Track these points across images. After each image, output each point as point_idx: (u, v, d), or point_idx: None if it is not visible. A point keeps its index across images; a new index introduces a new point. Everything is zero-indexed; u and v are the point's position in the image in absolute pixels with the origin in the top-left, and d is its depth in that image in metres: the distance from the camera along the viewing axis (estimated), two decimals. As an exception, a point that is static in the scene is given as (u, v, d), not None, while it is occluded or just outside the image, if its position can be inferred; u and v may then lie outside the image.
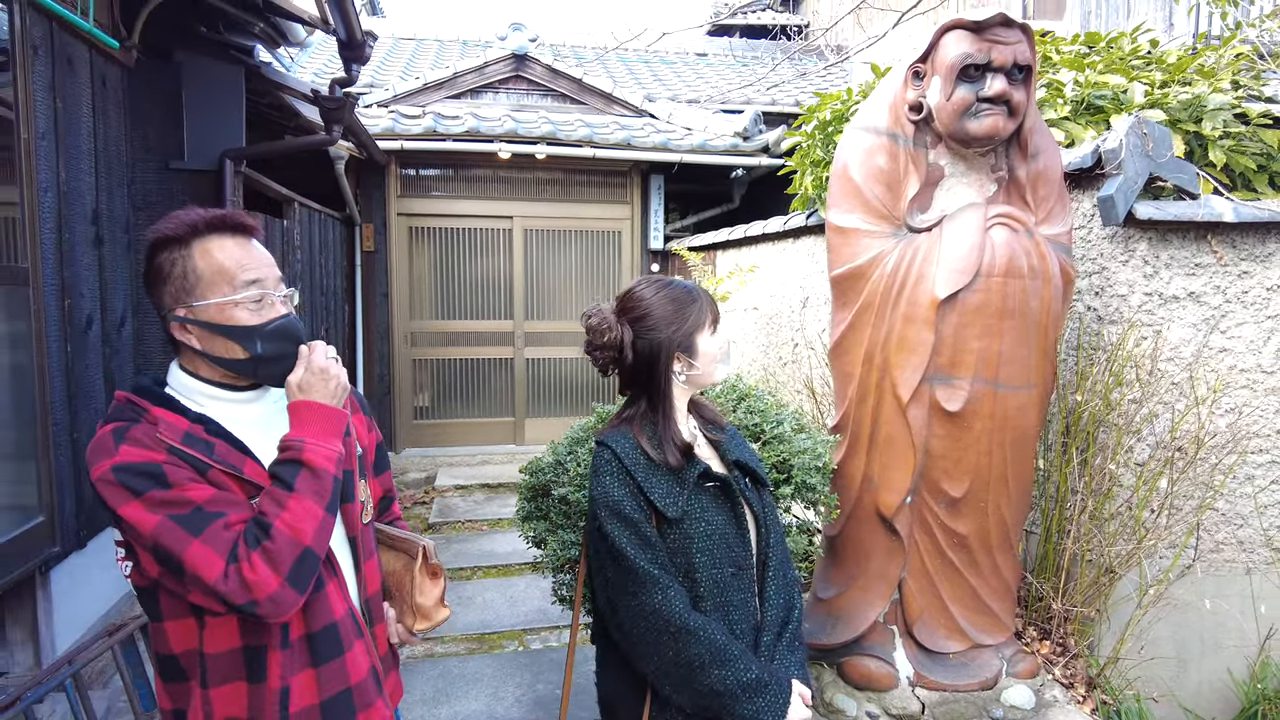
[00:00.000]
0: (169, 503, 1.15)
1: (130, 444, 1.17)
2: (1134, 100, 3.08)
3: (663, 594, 1.45)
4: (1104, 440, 2.71)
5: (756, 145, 6.50)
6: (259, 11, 3.47)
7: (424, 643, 3.68)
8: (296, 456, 1.23)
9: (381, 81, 7.60)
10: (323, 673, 1.29)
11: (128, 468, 1.15)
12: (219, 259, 1.26)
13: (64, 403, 2.78)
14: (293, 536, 1.17)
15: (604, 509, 1.50)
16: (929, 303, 2.35)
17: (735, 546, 1.56)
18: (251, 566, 1.14)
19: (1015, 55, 2.28)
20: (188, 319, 1.26)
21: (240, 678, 1.24)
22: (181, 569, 1.13)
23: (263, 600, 1.14)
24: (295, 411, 1.27)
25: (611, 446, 1.54)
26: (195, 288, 1.25)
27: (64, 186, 2.82)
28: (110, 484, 1.15)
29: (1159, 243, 2.71)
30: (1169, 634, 2.82)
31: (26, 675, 2.59)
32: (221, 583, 1.13)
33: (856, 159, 2.49)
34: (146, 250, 1.29)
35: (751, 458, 1.68)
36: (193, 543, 1.13)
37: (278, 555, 1.15)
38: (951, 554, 2.52)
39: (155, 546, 1.14)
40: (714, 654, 1.44)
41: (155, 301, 1.29)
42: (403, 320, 6.58)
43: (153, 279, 1.28)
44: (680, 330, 1.55)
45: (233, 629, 1.23)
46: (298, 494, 1.20)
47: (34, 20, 2.61)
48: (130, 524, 1.14)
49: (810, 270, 4.37)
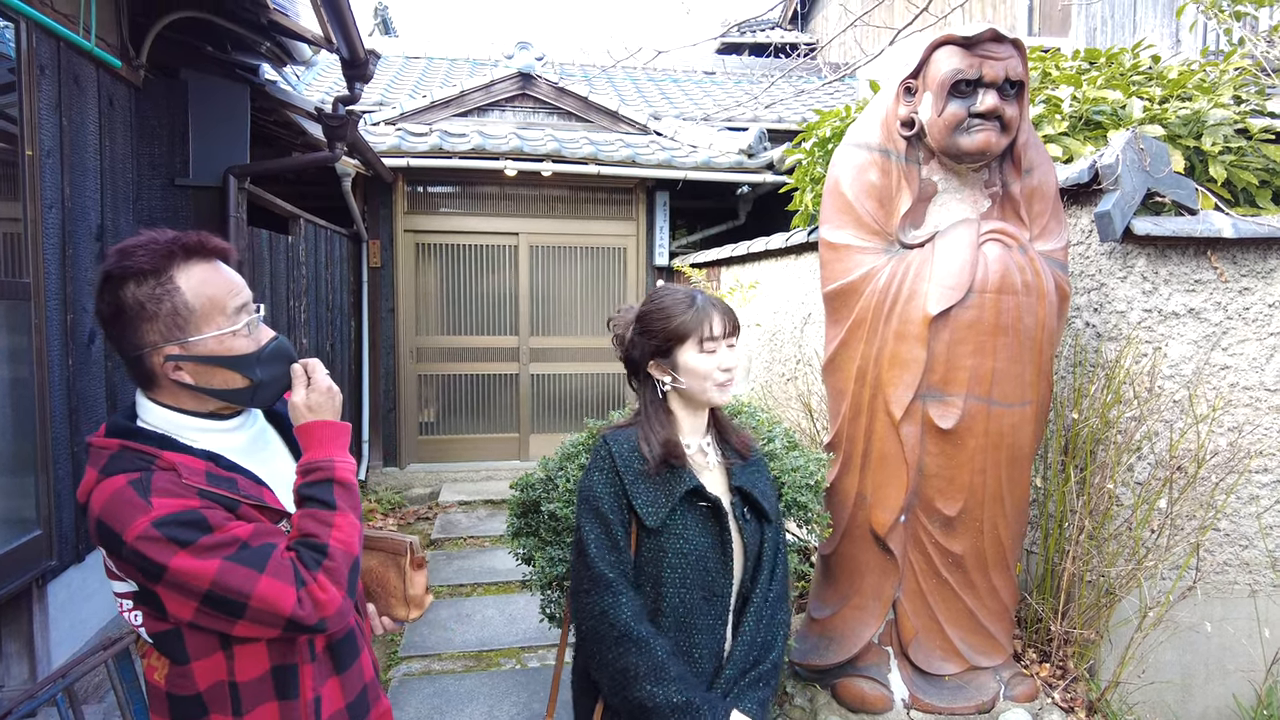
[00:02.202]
0: (220, 545, 1.12)
1: (160, 495, 1.13)
2: (1133, 115, 3.07)
3: (613, 598, 1.45)
4: (1103, 458, 2.68)
5: (761, 162, 6.51)
6: (264, 31, 3.53)
7: (421, 659, 3.67)
8: (329, 476, 1.24)
9: (392, 100, 7.69)
10: (346, 678, 1.33)
11: (169, 520, 1.10)
12: (208, 290, 1.21)
13: (64, 417, 2.80)
14: (346, 551, 1.21)
15: (584, 503, 1.53)
16: (921, 319, 2.33)
17: (713, 572, 1.52)
18: (321, 587, 1.16)
19: (1007, 70, 2.27)
20: (182, 356, 1.20)
21: (271, 698, 1.23)
22: (246, 606, 1.12)
23: (332, 616, 1.17)
24: (311, 431, 1.27)
25: (610, 445, 1.55)
26: (189, 323, 1.19)
27: (69, 203, 2.86)
28: (154, 540, 1.09)
29: (1158, 259, 2.69)
30: (1172, 657, 2.76)
31: (21, 689, 2.60)
32: (298, 609, 1.14)
33: (849, 175, 2.49)
34: (106, 283, 1.18)
35: (760, 489, 1.62)
36: (261, 578, 1.12)
37: (337, 572, 1.18)
38: (947, 574, 2.48)
39: (213, 590, 1.10)
40: (651, 668, 1.42)
41: (129, 339, 1.19)
42: (408, 336, 6.61)
43: (128, 317, 1.17)
44: (660, 339, 1.55)
45: (261, 654, 1.22)
46: (341, 510, 1.23)
47: (40, 40, 2.66)
48: (183, 575, 1.10)
49: (811, 287, 4.36)
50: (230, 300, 1.24)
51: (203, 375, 1.22)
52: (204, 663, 1.19)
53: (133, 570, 1.12)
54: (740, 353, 1.62)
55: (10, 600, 2.58)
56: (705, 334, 1.53)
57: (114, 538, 1.11)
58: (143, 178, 3.50)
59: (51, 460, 2.70)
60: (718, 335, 1.54)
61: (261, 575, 1.12)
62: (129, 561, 1.11)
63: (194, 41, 3.58)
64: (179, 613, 1.14)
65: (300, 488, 1.25)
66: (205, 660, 1.19)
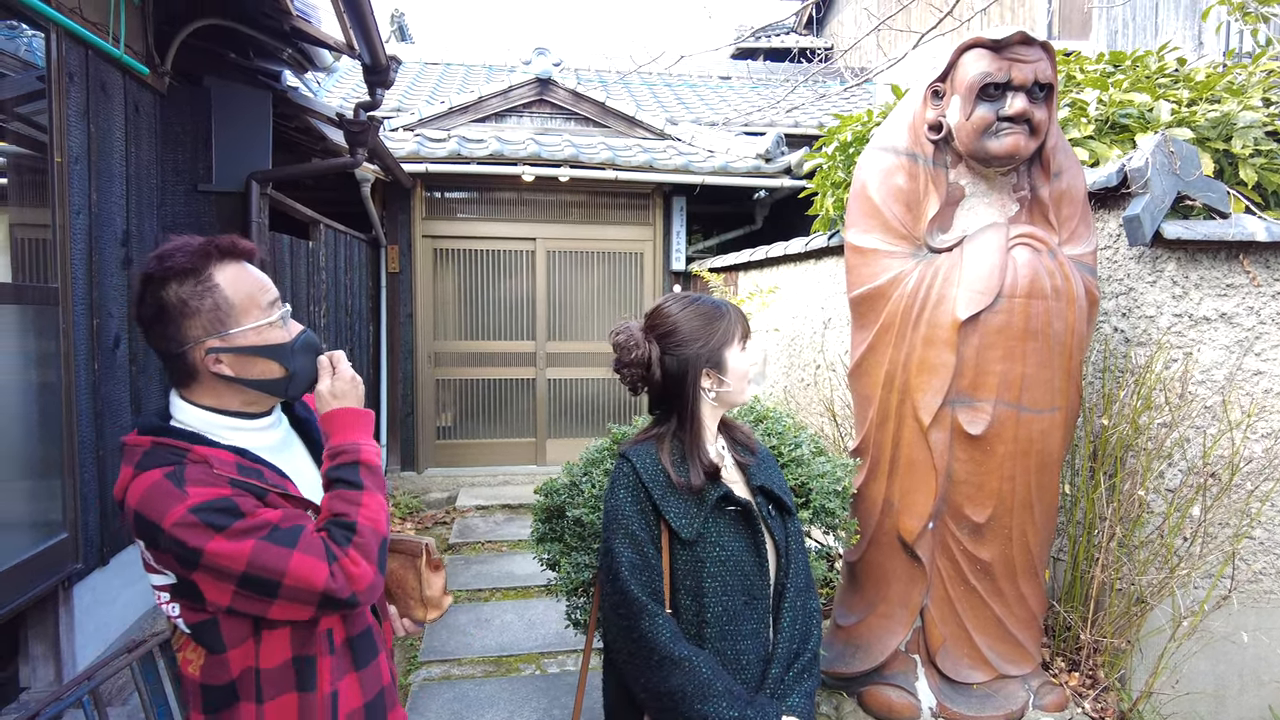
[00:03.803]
0: (252, 529, 1.17)
1: (195, 484, 1.18)
2: (1160, 118, 3.03)
3: (649, 621, 1.42)
4: (1133, 465, 2.64)
5: (778, 167, 6.50)
6: (286, 38, 3.55)
7: (441, 664, 3.66)
8: (355, 458, 1.30)
9: (409, 106, 7.73)
10: (364, 676, 1.35)
11: (204, 507, 1.16)
12: (244, 286, 1.28)
13: (90, 421, 2.82)
14: (374, 528, 1.26)
15: (613, 523, 1.50)
16: (950, 324, 2.31)
17: (751, 575, 1.51)
18: (353, 561, 1.21)
19: (1036, 73, 2.25)
20: (222, 348, 1.26)
21: (291, 689, 1.27)
22: (279, 584, 1.16)
23: (364, 590, 1.22)
24: (336, 417, 1.34)
25: (633, 461, 1.52)
26: (230, 316, 1.26)
27: (95, 209, 2.88)
28: (191, 526, 1.15)
29: (1188, 263, 2.65)
30: (1206, 667, 2.72)
31: (47, 691, 2.61)
32: (330, 582, 1.18)
33: (875, 179, 2.47)
34: (148, 286, 1.25)
35: (779, 484, 1.62)
36: (293, 555, 1.17)
37: (367, 547, 1.23)
38: (975, 581, 2.45)
39: (248, 571, 1.15)
40: (697, 687, 1.40)
41: (172, 337, 1.25)
42: (426, 340, 6.63)
43: (171, 315, 1.24)
44: (708, 346, 1.52)
45: (284, 641, 1.26)
46: (368, 490, 1.28)
47: (70, 48, 2.69)
48: (220, 558, 1.15)
49: (832, 291, 4.34)
50: (263, 295, 1.30)
51: (242, 366, 1.28)
52: (238, 651, 1.23)
53: (171, 559, 1.17)
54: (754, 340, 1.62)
55: (37, 603, 2.59)
56: (741, 333, 1.55)
57: (152, 527, 1.15)
58: (167, 183, 3.52)
59: (78, 464, 2.71)
60: (747, 334, 1.57)
61: (294, 552, 1.17)
62: (167, 550, 1.16)
63: (217, 49, 3.61)
64: (217, 599, 1.18)
65: (328, 471, 1.30)
66: (239, 649, 1.23)
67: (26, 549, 2.45)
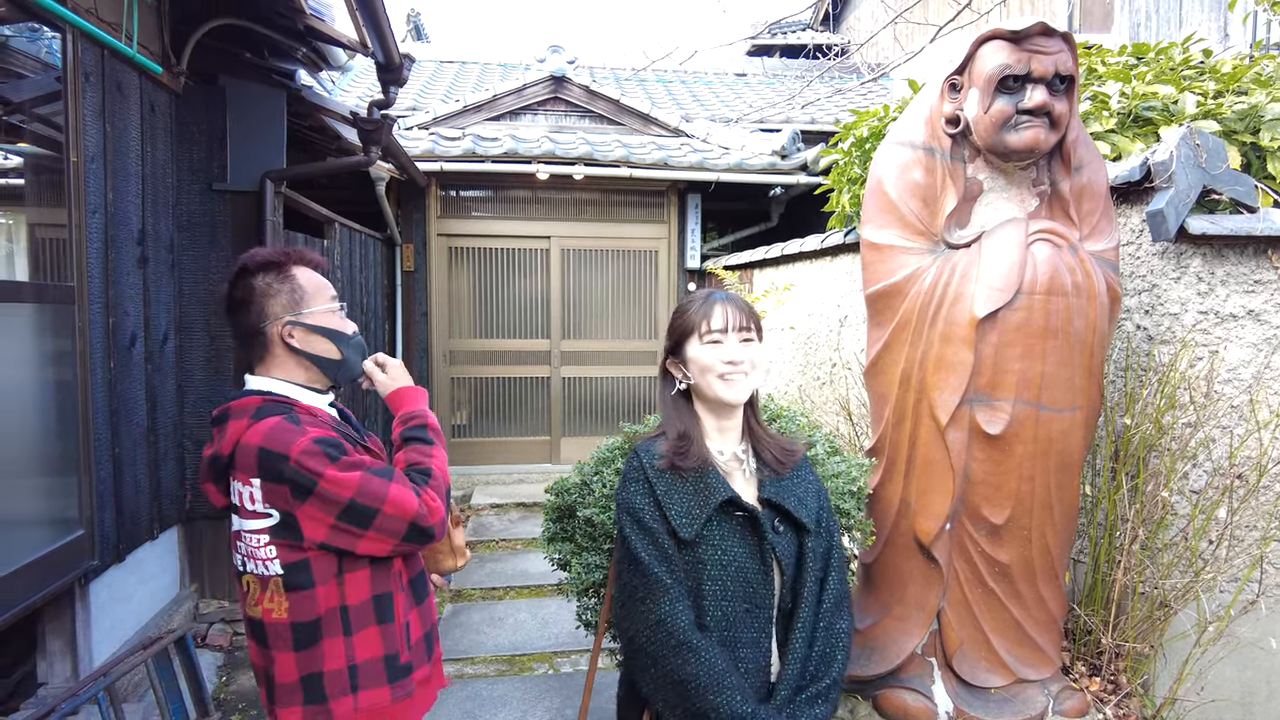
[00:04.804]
0: (355, 464, 1.42)
1: (312, 425, 1.46)
2: (1185, 111, 2.96)
3: (671, 605, 1.42)
4: (1156, 466, 2.58)
5: (794, 163, 6.44)
6: (301, 37, 3.56)
7: (454, 663, 3.66)
8: (424, 421, 1.62)
9: (424, 104, 7.75)
10: (422, 610, 1.65)
11: (323, 440, 1.42)
12: (315, 280, 1.60)
13: (106, 418, 2.84)
14: (443, 475, 1.56)
15: (626, 514, 1.50)
16: (968, 321, 2.27)
17: (754, 583, 1.47)
18: (430, 498, 1.47)
19: (1056, 65, 2.20)
20: (297, 323, 1.55)
21: (373, 623, 1.52)
22: (379, 511, 1.41)
23: (437, 524, 1.47)
24: (399, 395, 1.66)
25: (641, 456, 1.54)
26: (305, 298, 1.56)
27: (111, 208, 2.90)
28: (314, 454, 1.39)
29: (1214, 258, 2.59)
30: (1232, 674, 2.65)
31: (64, 687, 2.63)
32: (420, 508, 1.44)
33: (892, 174, 2.43)
34: (242, 276, 1.55)
35: (790, 498, 1.53)
36: (391, 485, 1.43)
37: (439, 488, 1.51)
38: (993, 583, 2.41)
39: (355, 499, 1.39)
40: (712, 678, 1.38)
41: (256, 315, 1.53)
42: (441, 339, 6.64)
43: (257, 297, 1.53)
44: (673, 337, 1.59)
45: (364, 583, 1.50)
46: (436, 445, 1.60)
47: (86, 48, 2.70)
48: (334, 483, 1.39)
49: (848, 289, 4.29)
50: (328, 290, 1.63)
51: (308, 341, 1.57)
52: (324, 589, 1.46)
53: (287, 491, 1.39)
54: (757, 349, 1.56)
55: (54, 599, 2.61)
56: (705, 327, 1.51)
57: (279, 458, 1.39)
58: (182, 183, 3.54)
59: (94, 461, 2.73)
60: (717, 328, 1.51)
61: (391, 483, 1.43)
62: (289, 480, 1.39)
63: (232, 48, 3.62)
64: (314, 533, 1.42)
65: (402, 432, 1.60)
66: (325, 587, 1.46)
67: (43, 546, 2.46)
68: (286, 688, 1.48)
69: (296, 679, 1.47)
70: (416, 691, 1.60)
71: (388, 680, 1.53)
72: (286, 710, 1.49)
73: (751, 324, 1.54)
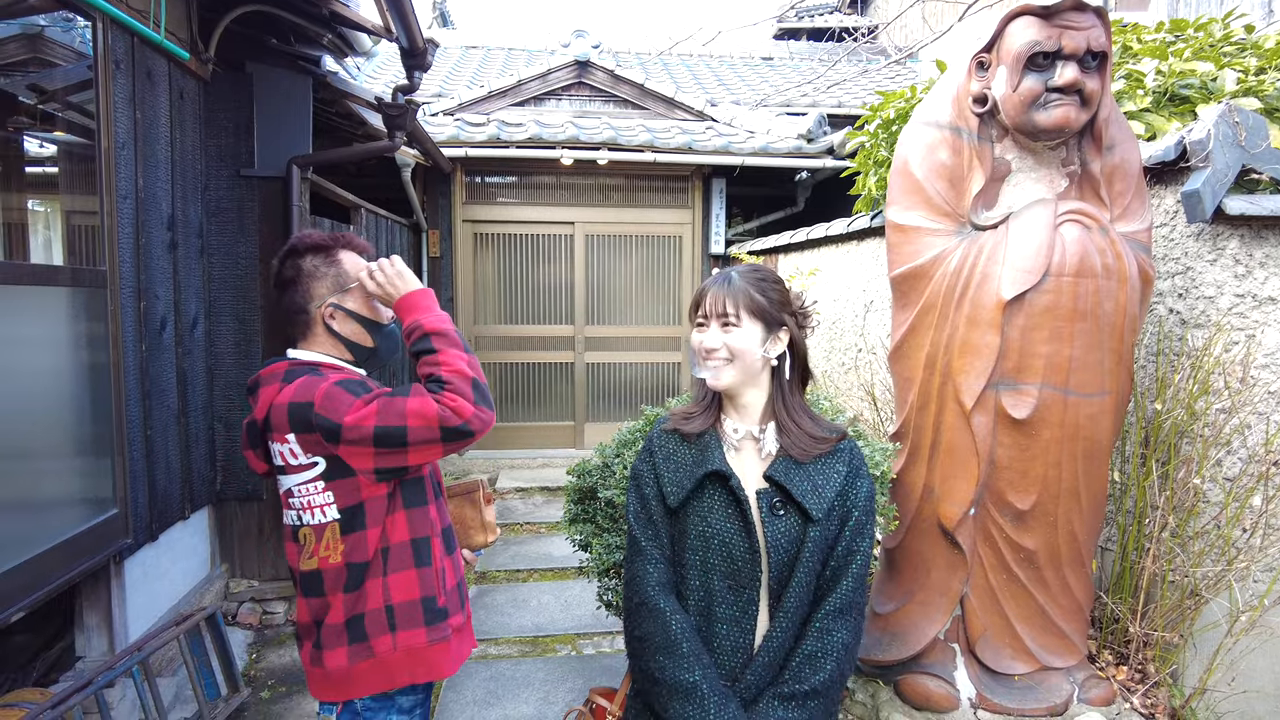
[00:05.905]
0: (375, 397, 1.49)
1: (335, 373, 1.57)
2: (1225, 88, 2.88)
3: (643, 565, 1.46)
4: (1188, 452, 2.53)
5: (820, 147, 6.37)
6: (326, 23, 3.58)
7: (478, 644, 3.70)
8: (423, 331, 1.59)
9: (449, 90, 7.77)
10: (454, 560, 1.72)
11: (343, 383, 1.52)
12: (359, 265, 1.67)
13: (138, 400, 2.90)
14: (457, 373, 1.52)
15: (631, 478, 1.57)
16: (994, 304, 2.23)
17: (738, 560, 1.42)
18: (450, 399, 1.48)
19: (1089, 41, 2.15)
20: (340, 305, 1.63)
21: (410, 565, 1.59)
22: (406, 426, 1.46)
23: (469, 418, 1.48)
24: (402, 304, 1.63)
25: (656, 426, 1.59)
26: (349, 282, 1.65)
27: (142, 194, 2.95)
28: (335, 396, 1.48)
29: (1253, 240, 2.52)
30: (1265, 665, 2.60)
31: (100, 660, 2.71)
32: (441, 410, 1.46)
33: (918, 154, 2.40)
34: (291, 255, 1.64)
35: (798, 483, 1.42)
36: (408, 400, 1.47)
37: (459, 389, 1.50)
38: (1018, 570, 2.38)
39: (379, 425, 1.45)
40: (665, 641, 1.38)
41: (303, 293, 1.62)
42: (466, 324, 6.68)
43: (305, 276, 1.62)
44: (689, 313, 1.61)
45: (403, 526, 1.58)
46: (440, 350, 1.57)
47: (116, 36, 2.74)
48: (358, 419, 1.46)
49: (874, 273, 4.24)
50: None
51: (346, 326, 1.65)
52: (375, 530, 1.55)
53: (319, 438, 1.48)
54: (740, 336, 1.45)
55: (90, 576, 2.68)
56: (696, 311, 1.52)
57: (304, 408, 1.48)
58: (210, 169, 3.59)
59: (127, 442, 2.79)
60: (701, 313, 1.49)
61: (407, 399, 1.48)
62: (318, 427, 1.47)
63: (259, 35, 3.65)
64: (363, 464, 1.49)
65: (409, 348, 1.62)
66: (376, 529, 1.55)
67: (79, 524, 2.53)
68: (334, 629, 1.55)
69: (343, 620, 1.55)
70: (452, 638, 1.65)
71: (424, 622, 1.59)
72: (333, 652, 1.55)
73: (740, 311, 1.45)
